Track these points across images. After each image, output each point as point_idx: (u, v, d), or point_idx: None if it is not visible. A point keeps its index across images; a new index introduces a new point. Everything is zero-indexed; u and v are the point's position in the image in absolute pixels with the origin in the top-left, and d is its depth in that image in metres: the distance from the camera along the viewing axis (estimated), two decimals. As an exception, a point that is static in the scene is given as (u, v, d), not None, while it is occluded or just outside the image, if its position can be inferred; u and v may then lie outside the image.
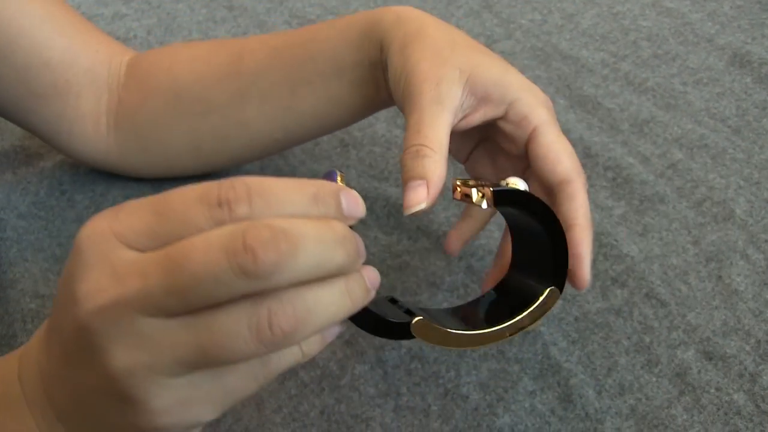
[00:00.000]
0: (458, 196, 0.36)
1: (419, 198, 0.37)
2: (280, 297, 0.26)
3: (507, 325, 0.38)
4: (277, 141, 0.53)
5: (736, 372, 0.45)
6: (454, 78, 0.40)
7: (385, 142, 0.61)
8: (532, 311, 0.38)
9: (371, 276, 0.30)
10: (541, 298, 0.38)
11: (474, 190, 0.35)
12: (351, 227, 0.29)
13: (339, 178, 0.32)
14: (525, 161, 0.43)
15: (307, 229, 0.26)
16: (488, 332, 0.37)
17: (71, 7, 0.54)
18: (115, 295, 0.26)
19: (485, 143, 0.46)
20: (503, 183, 0.37)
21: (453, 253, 0.49)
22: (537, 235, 0.38)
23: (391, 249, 0.54)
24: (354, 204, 0.29)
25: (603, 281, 0.50)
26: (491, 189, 0.35)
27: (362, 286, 0.29)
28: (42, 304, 0.53)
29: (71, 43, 0.52)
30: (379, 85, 0.47)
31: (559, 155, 0.40)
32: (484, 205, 0.35)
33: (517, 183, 0.37)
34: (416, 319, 0.36)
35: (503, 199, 0.36)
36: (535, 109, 0.40)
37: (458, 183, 0.36)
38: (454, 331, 0.36)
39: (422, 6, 0.75)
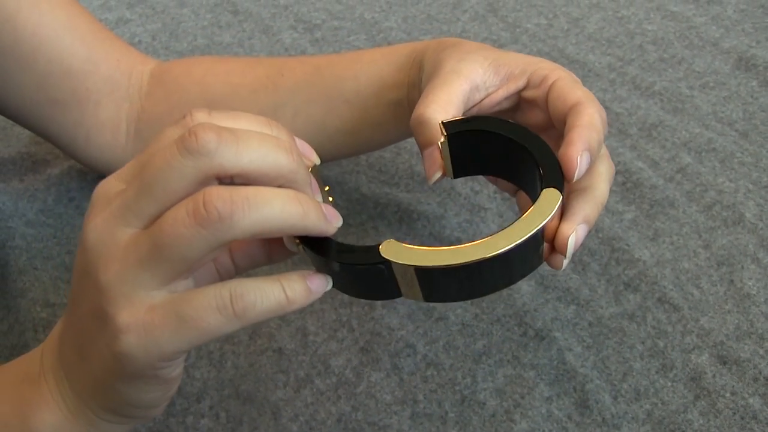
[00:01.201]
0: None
1: (435, 164, 0.38)
2: (220, 186, 0.29)
3: (495, 236, 0.32)
4: None
5: (750, 376, 0.45)
6: (476, 59, 0.41)
7: (394, 147, 0.61)
8: (527, 216, 0.33)
9: (329, 207, 0.32)
10: (537, 202, 0.34)
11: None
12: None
13: None
14: (554, 135, 0.42)
15: (253, 131, 0.30)
16: (471, 245, 0.32)
17: (93, 15, 0.54)
18: (104, 213, 0.30)
19: None
20: None
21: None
22: (523, 163, 0.37)
23: (403, 255, 0.54)
24: (306, 146, 0.33)
25: (616, 286, 0.50)
26: (440, 122, 0.38)
27: (316, 204, 0.31)
28: (53, 313, 0.52)
29: (92, 51, 0.52)
30: (413, 106, 0.47)
31: (573, 90, 0.39)
32: (442, 139, 0.38)
33: None
34: (386, 240, 0.32)
35: (454, 125, 0.37)
36: (554, 70, 0.41)
37: None
38: (429, 248, 0.32)
39: (428, 10, 0.76)
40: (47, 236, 0.58)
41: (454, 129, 0.38)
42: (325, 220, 0.31)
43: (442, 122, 0.38)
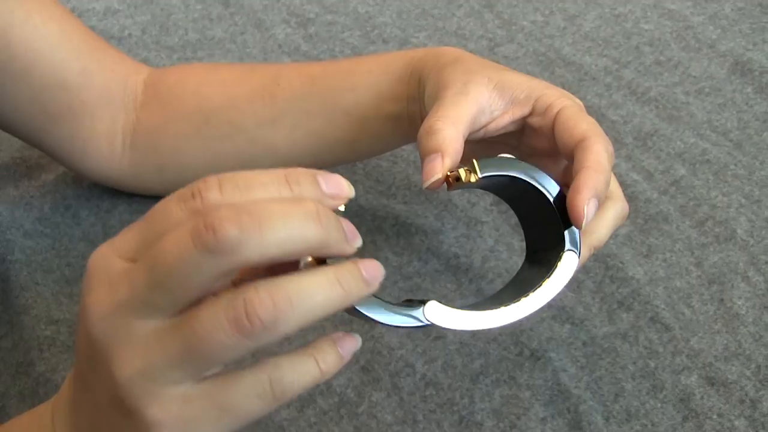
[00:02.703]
0: (451, 182, 0.37)
1: (435, 169, 0.37)
2: (257, 285, 0.26)
3: (526, 300, 0.36)
4: (303, 165, 0.53)
5: (737, 398, 0.47)
6: (482, 81, 0.42)
7: (391, 156, 0.62)
8: (550, 281, 0.37)
9: (370, 267, 0.29)
10: (559, 264, 0.37)
11: (461, 170, 0.37)
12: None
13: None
14: (559, 160, 0.43)
15: (273, 205, 0.27)
16: (506, 309, 0.36)
17: (85, 25, 0.53)
18: (111, 302, 0.27)
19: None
20: None
21: None
22: (542, 210, 0.38)
23: (401, 270, 0.55)
24: (335, 183, 0.29)
25: (610, 304, 0.52)
26: (475, 160, 0.37)
27: (356, 275, 0.28)
28: (57, 330, 0.53)
29: (87, 63, 0.52)
30: (414, 120, 0.48)
31: (578, 122, 0.39)
32: (473, 178, 0.37)
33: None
34: (429, 302, 0.34)
35: (487, 165, 0.37)
36: (559, 98, 0.41)
37: (447, 174, 0.38)
38: (470, 311, 0.35)
39: (422, 5, 0.75)
40: (46, 248, 0.58)
41: (488, 166, 0.37)
42: (367, 285, 0.29)
43: (476, 160, 0.37)
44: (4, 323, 0.54)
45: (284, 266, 0.32)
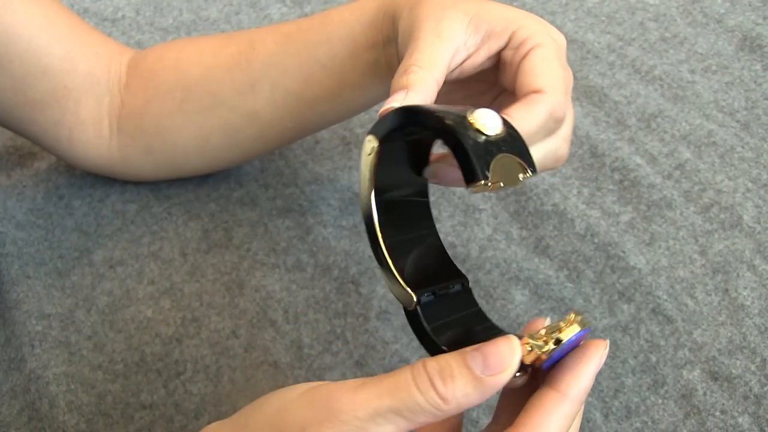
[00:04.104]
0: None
1: (393, 100, 0.35)
2: None
3: None
4: (288, 129, 0.53)
5: (740, 394, 0.46)
6: (457, 17, 0.39)
7: (387, 141, 0.60)
8: None
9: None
10: None
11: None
12: None
13: None
14: None
15: None
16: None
17: (67, 6, 0.52)
18: None
19: (498, 99, 0.45)
20: (469, 113, 0.31)
21: None
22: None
23: (397, 261, 0.53)
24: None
25: (610, 295, 0.50)
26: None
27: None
28: (48, 325, 0.53)
29: (70, 48, 0.50)
30: (391, 64, 0.46)
31: (544, 70, 0.37)
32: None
33: (486, 115, 0.31)
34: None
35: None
36: (537, 33, 0.39)
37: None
38: None
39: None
40: (38, 239, 0.57)
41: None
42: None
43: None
44: (-3, 318, 0.53)
45: None
